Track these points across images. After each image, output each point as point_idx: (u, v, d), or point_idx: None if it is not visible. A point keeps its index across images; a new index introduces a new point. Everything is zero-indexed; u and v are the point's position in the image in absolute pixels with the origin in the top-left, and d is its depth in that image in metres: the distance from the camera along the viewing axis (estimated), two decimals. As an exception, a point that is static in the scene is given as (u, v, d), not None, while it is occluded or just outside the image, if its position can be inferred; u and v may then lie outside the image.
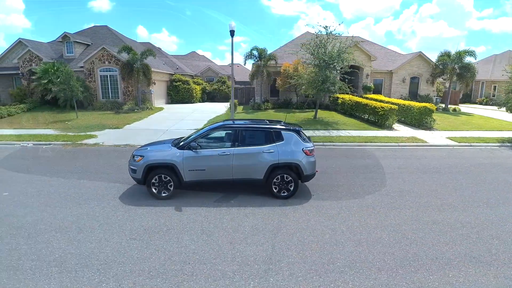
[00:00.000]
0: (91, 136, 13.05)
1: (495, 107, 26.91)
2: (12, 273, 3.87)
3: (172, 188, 6.22)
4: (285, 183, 6.28)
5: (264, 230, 4.99)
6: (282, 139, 6.26)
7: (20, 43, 23.73)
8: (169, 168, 6.17)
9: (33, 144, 12.02)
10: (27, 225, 5.16)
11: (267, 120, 7.68)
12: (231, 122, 7.02)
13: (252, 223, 5.23)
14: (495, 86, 30.72)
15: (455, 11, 72.55)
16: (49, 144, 11.98)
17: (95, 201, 6.16)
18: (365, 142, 12.45)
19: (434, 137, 13.55)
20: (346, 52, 15.41)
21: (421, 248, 4.52)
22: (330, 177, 7.87)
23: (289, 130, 6.39)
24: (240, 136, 6.30)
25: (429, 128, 15.17)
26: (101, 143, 11.98)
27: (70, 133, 13.55)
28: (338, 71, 15.75)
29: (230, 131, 6.46)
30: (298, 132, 6.44)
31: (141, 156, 6.30)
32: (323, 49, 15.61)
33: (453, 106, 22.58)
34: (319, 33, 15.91)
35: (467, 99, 31.81)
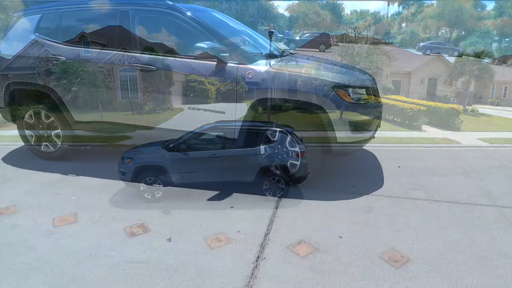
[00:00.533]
0: (125, 137, 12.89)
1: (509, 108, 27.33)
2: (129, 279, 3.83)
3: (161, 191, 6.22)
4: (277, 184, 6.26)
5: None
6: (274, 141, 6.25)
7: (36, 43, 23.51)
8: (159, 171, 6.19)
9: (69, 145, 11.90)
10: (120, 231, 5.06)
11: (260, 121, 7.66)
12: (222, 123, 7.06)
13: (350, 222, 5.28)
14: (506, 86, 31.06)
15: (455, 11, 73.16)
16: (87, 145, 11.89)
17: (176, 203, 6.10)
18: (401, 143, 12.53)
19: (465, 138, 13.68)
20: (375, 53, 15.55)
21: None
22: (394, 179, 7.58)
23: (281, 131, 6.38)
24: (230, 137, 6.33)
25: (457, 129, 15.31)
26: (139, 144, 11.90)
27: (103, 134, 13.43)
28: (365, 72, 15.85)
29: (221, 132, 6.54)
30: (290, 134, 6.44)
31: (130, 158, 6.34)
32: (351, 50, 15.73)
33: (471, 107, 22.83)
34: (347, 33, 16.04)
35: (478, 99, 32.08)
